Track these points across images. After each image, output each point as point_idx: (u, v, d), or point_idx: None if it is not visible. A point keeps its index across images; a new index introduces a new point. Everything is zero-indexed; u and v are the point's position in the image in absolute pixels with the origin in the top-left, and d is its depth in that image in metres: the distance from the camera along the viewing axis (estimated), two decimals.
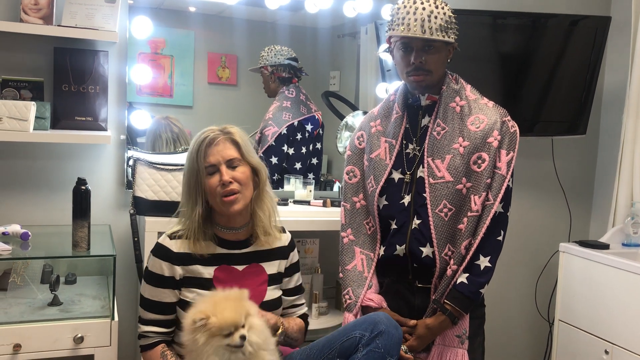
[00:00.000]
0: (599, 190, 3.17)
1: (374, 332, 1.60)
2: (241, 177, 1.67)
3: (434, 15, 1.81)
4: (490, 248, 1.85)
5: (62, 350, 1.79)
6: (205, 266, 1.69)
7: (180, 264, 1.67)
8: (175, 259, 1.67)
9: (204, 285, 1.68)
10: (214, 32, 2.72)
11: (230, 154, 1.67)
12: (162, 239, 1.71)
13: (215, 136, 1.68)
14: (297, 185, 2.56)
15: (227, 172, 1.65)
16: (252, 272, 1.75)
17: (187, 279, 1.68)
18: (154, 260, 1.69)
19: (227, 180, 1.64)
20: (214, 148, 1.66)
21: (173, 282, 1.67)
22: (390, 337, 1.60)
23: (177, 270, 1.67)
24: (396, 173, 1.94)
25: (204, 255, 1.69)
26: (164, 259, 1.67)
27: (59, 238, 2.10)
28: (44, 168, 2.23)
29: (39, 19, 2.07)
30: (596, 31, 2.70)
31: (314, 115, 2.74)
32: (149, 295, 1.68)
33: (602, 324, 2.42)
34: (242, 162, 1.69)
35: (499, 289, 2.87)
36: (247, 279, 1.73)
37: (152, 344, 1.69)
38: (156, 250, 1.70)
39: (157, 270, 1.67)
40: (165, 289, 1.67)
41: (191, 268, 1.68)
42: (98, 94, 2.22)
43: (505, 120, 1.89)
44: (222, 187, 1.64)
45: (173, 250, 1.68)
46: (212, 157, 1.66)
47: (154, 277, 1.68)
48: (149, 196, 2.10)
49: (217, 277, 1.69)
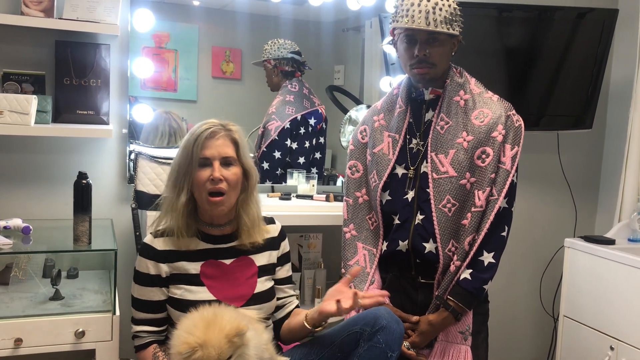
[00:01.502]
0: (605, 185, 3.14)
1: (375, 327, 1.59)
2: (232, 178, 1.65)
3: (439, 7, 1.79)
4: (495, 244, 1.83)
5: (64, 345, 1.79)
6: (191, 262, 1.68)
7: (166, 262, 1.67)
8: (160, 256, 1.67)
9: (191, 281, 1.67)
10: (218, 26, 2.70)
11: (227, 151, 1.65)
12: (147, 237, 1.71)
13: (217, 130, 1.66)
14: (300, 179, 2.55)
15: (219, 169, 1.63)
16: (241, 265, 1.73)
17: (173, 276, 1.67)
18: (139, 260, 1.69)
19: (218, 177, 1.62)
20: (212, 141, 1.65)
21: (160, 280, 1.67)
22: (392, 332, 1.59)
23: (163, 268, 1.66)
24: (399, 168, 1.93)
25: (189, 249, 1.68)
26: (149, 258, 1.67)
27: (61, 232, 2.09)
28: (45, 162, 2.22)
29: (40, 12, 2.06)
30: (603, 24, 2.67)
31: (317, 110, 2.72)
32: (138, 295, 1.69)
33: (607, 320, 2.40)
34: (236, 163, 1.67)
35: (503, 284, 2.86)
36: (236, 272, 1.72)
37: (144, 344, 1.70)
38: (142, 249, 1.70)
39: (143, 270, 1.67)
40: (153, 287, 1.67)
41: (177, 265, 1.67)
42: (100, 87, 2.21)
43: (510, 115, 1.87)
44: (211, 183, 1.63)
45: (157, 249, 1.67)
46: (208, 151, 1.64)
47: (141, 276, 1.68)
48: (150, 190, 2.10)
49: (205, 272, 1.68)
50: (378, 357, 1.57)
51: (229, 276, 1.70)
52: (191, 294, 1.66)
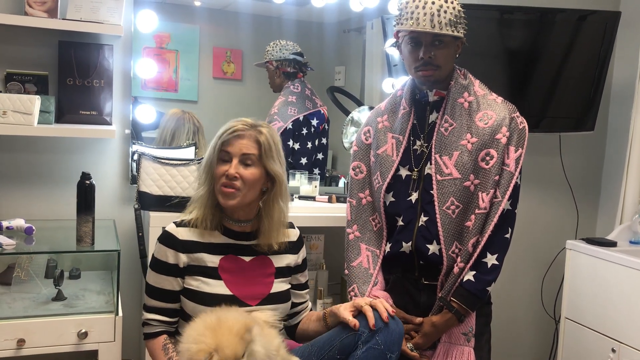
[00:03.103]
0: (606, 187, 3.15)
1: (374, 328, 1.59)
2: (248, 177, 1.65)
3: (444, 10, 1.79)
4: (498, 246, 1.83)
5: (66, 346, 1.79)
6: (211, 254, 1.69)
7: (185, 252, 1.67)
8: (180, 246, 1.67)
9: (208, 273, 1.67)
10: (219, 27, 2.70)
11: (249, 150, 1.66)
12: (169, 226, 1.71)
13: (244, 129, 1.67)
14: (303, 180, 2.55)
15: (236, 167, 1.64)
16: (258, 264, 1.74)
17: (191, 267, 1.67)
18: (159, 247, 1.69)
19: (232, 174, 1.63)
20: (237, 139, 1.66)
21: (177, 270, 1.67)
22: (390, 333, 1.59)
23: (182, 258, 1.66)
24: (403, 170, 1.93)
25: (211, 242, 1.69)
26: (169, 246, 1.67)
27: (63, 232, 2.09)
28: (48, 162, 2.22)
29: (43, 12, 2.05)
30: (605, 26, 2.67)
31: (319, 110, 2.72)
32: (153, 282, 1.69)
33: (609, 322, 2.40)
34: (256, 164, 1.67)
35: (505, 285, 2.86)
36: (254, 270, 1.72)
37: (155, 333, 1.69)
38: (162, 237, 1.70)
39: (162, 257, 1.67)
40: (169, 276, 1.67)
41: (196, 256, 1.67)
42: (103, 88, 2.21)
43: (514, 117, 1.87)
44: (226, 178, 1.64)
45: (179, 238, 1.67)
46: (230, 147, 1.66)
47: (158, 264, 1.68)
48: (153, 191, 2.09)
49: (223, 266, 1.69)
50: (377, 359, 1.57)
51: (247, 273, 1.70)
52: (208, 286, 1.66)
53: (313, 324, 1.80)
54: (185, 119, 2.46)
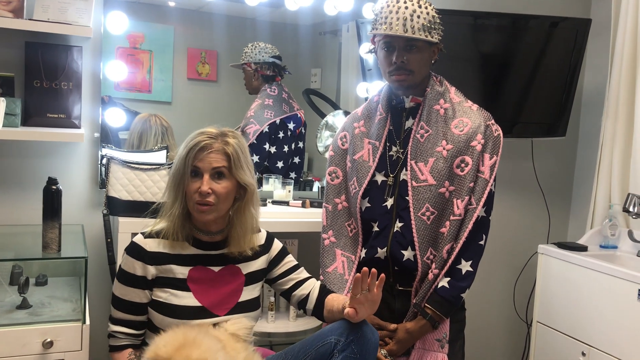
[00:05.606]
0: (577, 191, 3.19)
1: (350, 337, 1.58)
2: (221, 191, 1.62)
3: (417, 15, 1.79)
4: (472, 252, 1.84)
5: (30, 356, 1.73)
6: (180, 266, 1.66)
7: (154, 264, 1.64)
8: (148, 258, 1.64)
9: (177, 285, 1.65)
10: (193, 28, 2.67)
11: (218, 163, 1.62)
12: (137, 237, 1.68)
13: (211, 142, 1.63)
14: (276, 185, 2.52)
15: (208, 183, 1.61)
16: (227, 273, 1.72)
17: (160, 279, 1.65)
18: (126, 259, 1.65)
19: (205, 190, 1.60)
20: (205, 154, 1.62)
21: (144, 282, 1.64)
22: (366, 342, 1.58)
23: (150, 270, 1.64)
24: (379, 175, 1.92)
25: (179, 253, 1.66)
26: (137, 258, 1.64)
27: (30, 238, 2.03)
28: (14, 166, 2.16)
29: (8, 12, 1.99)
30: (576, 33, 2.71)
31: (296, 114, 2.70)
32: (119, 294, 1.66)
33: (579, 326, 2.43)
34: (227, 176, 1.64)
35: (477, 290, 2.86)
36: (222, 280, 1.70)
37: (120, 347, 1.67)
38: (130, 249, 1.67)
39: (129, 270, 1.64)
40: (136, 288, 1.64)
41: (165, 267, 1.65)
42: (71, 90, 2.15)
43: (490, 124, 1.88)
44: (199, 195, 1.61)
45: (147, 250, 1.64)
46: (200, 162, 1.62)
47: (126, 275, 1.65)
48: (122, 196, 2.05)
49: (192, 277, 1.66)
50: None
51: (215, 283, 1.68)
52: (176, 298, 1.63)
53: (337, 312, 1.72)
54: (151, 122, 2.42)
